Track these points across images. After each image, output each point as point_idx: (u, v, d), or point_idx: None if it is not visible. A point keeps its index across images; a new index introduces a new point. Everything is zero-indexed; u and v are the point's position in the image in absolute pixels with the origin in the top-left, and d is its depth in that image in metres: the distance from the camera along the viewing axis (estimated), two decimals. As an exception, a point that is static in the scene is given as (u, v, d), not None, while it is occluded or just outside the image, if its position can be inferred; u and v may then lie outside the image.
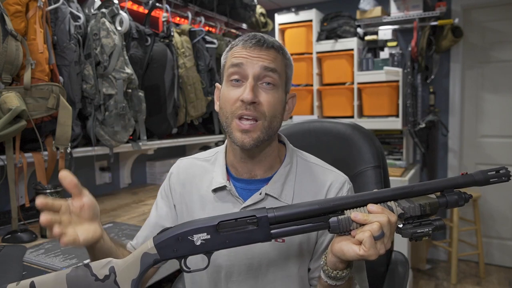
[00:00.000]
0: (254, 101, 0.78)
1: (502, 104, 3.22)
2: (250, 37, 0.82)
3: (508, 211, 3.26)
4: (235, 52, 0.82)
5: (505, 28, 3.16)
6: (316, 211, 0.66)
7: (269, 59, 0.80)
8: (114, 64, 1.65)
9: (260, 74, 0.79)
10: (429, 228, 0.65)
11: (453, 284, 2.98)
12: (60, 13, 1.53)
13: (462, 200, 0.68)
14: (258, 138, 0.80)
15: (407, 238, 0.66)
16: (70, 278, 0.66)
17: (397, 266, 1.13)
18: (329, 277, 0.70)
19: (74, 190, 0.71)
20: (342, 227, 0.65)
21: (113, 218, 1.55)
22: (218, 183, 0.87)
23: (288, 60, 0.85)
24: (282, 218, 0.66)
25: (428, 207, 0.66)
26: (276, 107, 0.81)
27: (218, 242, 0.66)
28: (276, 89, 0.81)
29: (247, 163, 0.86)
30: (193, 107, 2.25)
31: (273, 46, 0.81)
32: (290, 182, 0.87)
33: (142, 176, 2.37)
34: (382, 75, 3.03)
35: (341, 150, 1.16)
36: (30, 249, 1.18)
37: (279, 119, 0.83)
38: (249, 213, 0.66)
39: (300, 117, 3.15)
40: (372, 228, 0.62)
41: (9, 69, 1.29)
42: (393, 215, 0.64)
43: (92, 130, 1.68)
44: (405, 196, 0.67)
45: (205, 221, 0.67)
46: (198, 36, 2.30)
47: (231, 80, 0.81)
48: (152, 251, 0.67)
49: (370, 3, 3.18)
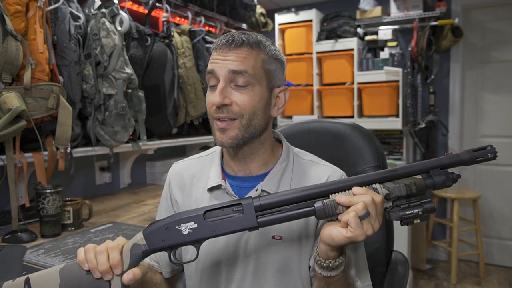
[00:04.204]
0: (224, 104, 0.79)
1: (502, 104, 3.23)
2: (221, 38, 0.82)
3: (508, 211, 3.26)
4: (211, 57, 0.83)
5: (505, 28, 3.16)
6: (302, 197, 0.67)
7: (238, 61, 0.79)
8: (114, 64, 1.65)
9: (229, 77, 0.80)
10: (418, 209, 0.65)
11: (453, 284, 2.98)
12: (60, 13, 1.53)
13: (450, 181, 0.67)
14: (236, 136, 0.80)
15: (397, 220, 0.66)
16: (63, 272, 0.67)
17: (397, 266, 1.13)
18: (322, 268, 0.70)
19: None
20: (328, 211, 0.65)
21: (113, 218, 1.55)
22: (214, 182, 0.88)
23: (267, 55, 0.83)
24: (268, 205, 0.67)
25: (414, 187, 0.66)
26: (253, 105, 0.81)
27: (206, 231, 0.67)
28: (251, 88, 0.80)
29: (240, 160, 0.87)
30: (193, 107, 2.25)
31: (243, 44, 0.80)
32: (287, 179, 0.87)
33: (142, 176, 2.37)
34: (382, 75, 3.03)
35: (341, 150, 1.16)
36: (30, 249, 1.18)
37: (260, 116, 0.82)
38: (235, 202, 0.68)
39: (300, 117, 3.15)
40: (357, 208, 0.62)
41: (9, 69, 1.29)
42: (377, 195, 0.65)
43: (92, 130, 1.68)
44: (390, 178, 0.67)
45: (192, 211, 0.68)
46: (198, 36, 2.30)
47: (210, 86, 0.83)
48: (141, 242, 0.68)
49: (370, 3, 3.18)
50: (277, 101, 0.87)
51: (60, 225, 1.34)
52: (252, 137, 0.82)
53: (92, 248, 0.67)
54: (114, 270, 0.66)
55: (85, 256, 0.67)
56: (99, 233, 1.33)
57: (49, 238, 1.30)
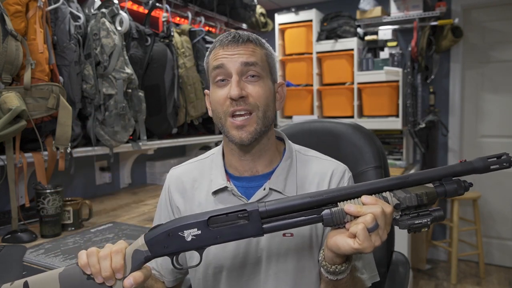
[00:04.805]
0: (242, 96, 0.79)
1: (502, 104, 3.23)
2: (225, 36, 0.83)
3: (508, 211, 3.26)
4: (215, 54, 0.83)
5: (505, 28, 3.16)
6: (309, 204, 0.64)
7: (248, 53, 0.81)
8: (114, 64, 1.65)
9: (242, 69, 0.80)
10: (427, 219, 0.63)
11: (453, 284, 2.98)
12: (60, 13, 1.53)
13: (462, 189, 0.64)
14: (255, 131, 0.80)
15: (405, 229, 0.63)
16: (62, 276, 0.66)
17: (397, 267, 1.13)
18: (328, 272, 0.69)
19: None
20: (335, 219, 0.63)
21: (113, 218, 1.55)
22: (218, 184, 0.86)
23: (267, 50, 0.86)
24: (274, 212, 0.64)
25: (426, 197, 0.63)
26: (266, 97, 0.82)
27: (209, 238, 0.65)
28: (262, 80, 0.82)
29: (247, 160, 0.86)
30: (193, 107, 2.25)
31: (249, 40, 0.82)
32: (292, 176, 0.87)
33: (142, 176, 2.37)
34: (382, 75, 3.03)
35: (342, 150, 1.16)
36: (30, 249, 1.18)
37: (272, 108, 0.84)
38: (239, 208, 0.65)
39: (300, 117, 3.15)
40: (366, 220, 0.60)
41: (9, 69, 1.29)
42: (387, 205, 0.62)
43: (92, 130, 1.67)
44: (401, 186, 0.65)
45: (196, 216, 0.66)
46: (198, 36, 2.30)
47: (217, 82, 0.83)
48: (143, 248, 0.66)
49: (370, 3, 3.18)
50: (277, 96, 0.89)
51: (60, 225, 1.34)
52: (266, 130, 0.83)
53: (95, 252, 0.65)
54: (116, 275, 0.64)
55: (88, 260, 0.65)
56: (99, 233, 1.33)
57: (49, 238, 1.30)
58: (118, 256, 0.65)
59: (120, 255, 0.65)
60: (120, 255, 0.65)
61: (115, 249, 0.66)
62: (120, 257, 0.65)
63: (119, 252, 0.66)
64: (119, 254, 0.65)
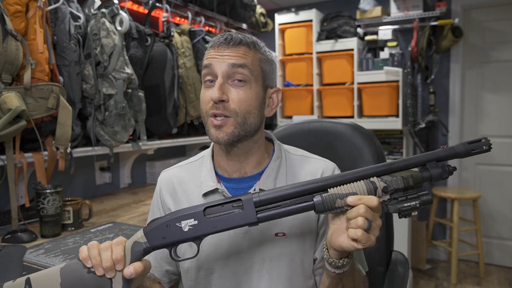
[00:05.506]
0: (222, 99, 0.79)
1: (502, 104, 3.23)
2: (219, 37, 0.84)
3: (508, 211, 3.26)
4: (207, 54, 0.84)
5: (505, 28, 3.16)
6: (301, 192, 0.68)
7: (238, 56, 0.80)
8: (114, 64, 1.65)
9: (228, 71, 0.80)
10: (416, 201, 0.66)
11: (453, 284, 2.98)
12: (60, 13, 1.53)
13: (446, 173, 0.68)
14: (232, 133, 0.80)
15: (395, 213, 0.67)
16: (63, 271, 0.67)
17: (397, 266, 1.13)
18: (336, 267, 0.72)
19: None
20: (326, 205, 0.66)
21: (113, 218, 1.55)
22: (209, 186, 0.86)
23: (263, 55, 0.85)
24: (268, 200, 0.68)
25: (411, 179, 0.67)
26: (249, 103, 0.81)
27: (206, 227, 0.67)
28: (248, 85, 0.81)
29: (234, 160, 0.87)
30: (193, 107, 2.25)
31: (241, 42, 0.82)
32: (282, 176, 0.87)
33: (142, 176, 2.37)
34: (382, 75, 3.03)
35: (341, 150, 1.16)
36: (30, 249, 1.18)
37: (255, 115, 0.83)
38: (234, 198, 0.68)
39: (300, 117, 3.15)
40: (358, 224, 0.63)
41: (9, 69, 1.29)
42: (372, 198, 0.65)
43: (92, 130, 1.68)
44: (388, 172, 0.68)
45: (193, 208, 0.69)
46: (198, 36, 2.30)
47: (206, 81, 0.83)
48: (141, 240, 0.68)
49: (370, 3, 3.18)
50: (270, 102, 0.88)
51: (60, 225, 1.34)
52: (247, 135, 0.83)
53: (96, 245, 0.67)
54: (117, 266, 0.66)
55: (88, 253, 0.66)
56: (99, 233, 1.33)
57: (49, 238, 1.30)
58: (118, 247, 0.67)
59: (121, 246, 0.67)
60: (121, 246, 0.67)
61: (116, 241, 0.68)
62: (120, 248, 0.67)
63: (119, 244, 0.68)
64: (119, 246, 0.67)
